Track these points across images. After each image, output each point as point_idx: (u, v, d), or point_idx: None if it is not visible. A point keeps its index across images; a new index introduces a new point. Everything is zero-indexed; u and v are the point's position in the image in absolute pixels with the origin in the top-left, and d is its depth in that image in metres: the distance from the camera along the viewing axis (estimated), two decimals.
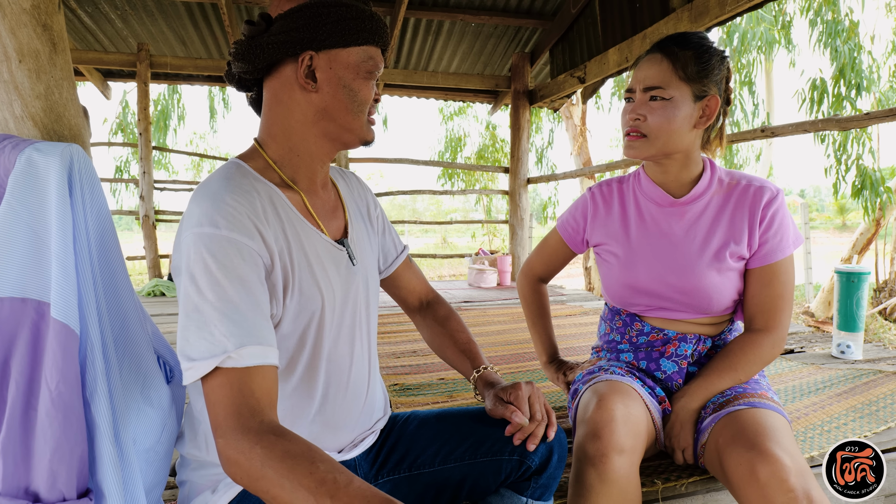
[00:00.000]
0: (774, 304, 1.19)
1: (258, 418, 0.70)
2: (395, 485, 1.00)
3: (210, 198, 0.78)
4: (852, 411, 1.56)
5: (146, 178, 4.71)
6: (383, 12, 4.24)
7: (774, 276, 1.19)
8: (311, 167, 0.91)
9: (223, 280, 0.73)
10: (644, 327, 1.30)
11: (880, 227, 6.43)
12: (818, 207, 32.48)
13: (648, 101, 1.16)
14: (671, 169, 1.24)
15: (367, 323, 1.00)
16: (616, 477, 0.97)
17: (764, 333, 1.20)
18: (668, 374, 1.26)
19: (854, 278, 2.12)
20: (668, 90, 1.14)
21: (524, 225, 5.02)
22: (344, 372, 0.94)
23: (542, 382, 2.00)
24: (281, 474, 0.65)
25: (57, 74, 0.94)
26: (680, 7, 2.99)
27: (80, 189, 0.87)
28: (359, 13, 0.86)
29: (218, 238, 0.75)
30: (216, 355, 0.70)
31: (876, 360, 2.10)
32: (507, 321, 3.15)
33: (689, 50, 1.14)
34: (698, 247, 1.22)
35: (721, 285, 1.21)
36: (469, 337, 1.13)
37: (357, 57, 0.87)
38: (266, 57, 0.85)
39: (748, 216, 1.20)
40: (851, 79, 5.28)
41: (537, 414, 0.95)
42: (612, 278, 1.33)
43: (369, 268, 1.01)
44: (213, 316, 0.72)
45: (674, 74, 1.14)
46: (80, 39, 4.58)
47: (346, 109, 0.87)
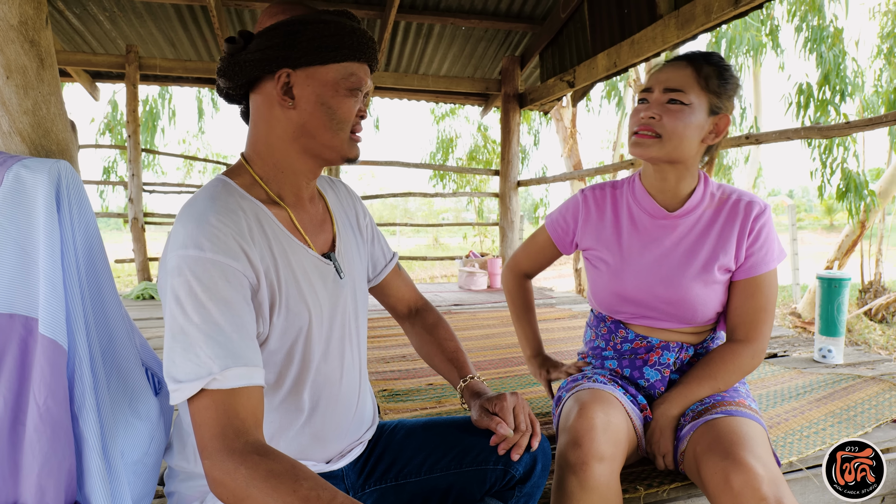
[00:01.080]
0: (756, 315, 1.22)
1: (243, 439, 0.71)
2: (381, 494, 1.02)
3: (195, 219, 0.79)
4: (831, 416, 1.60)
5: (135, 180, 4.68)
6: (373, 16, 4.24)
7: (758, 288, 1.21)
8: (296, 183, 0.92)
9: (208, 302, 0.74)
10: (628, 335, 1.32)
11: (865, 229, 6.52)
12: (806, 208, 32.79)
13: (666, 102, 1.16)
14: (670, 178, 1.24)
15: (357, 334, 1.01)
16: (596, 484, 0.99)
17: (745, 344, 1.23)
18: (650, 381, 1.28)
19: (835, 284, 2.16)
20: (688, 95, 1.14)
21: (514, 227, 5.05)
22: (334, 385, 0.95)
23: (530, 388, 2.02)
24: (265, 493, 0.66)
25: (44, 90, 0.95)
26: (667, 14, 3.03)
27: (68, 205, 0.88)
28: (337, 29, 0.85)
29: (202, 261, 0.75)
30: (201, 377, 0.71)
31: (856, 365, 2.14)
32: (496, 325, 3.17)
33: (713, 66, 1.16)
34: (687, 259, 1.24)
35: (706, 297, 1.24)
36: (457, 345, 1.15)
37: (336, 74, 0.86)
38: (244, 74, 0.86)
39: (737, 230, 1.21)
40: (836, 84, 5.35)
41: (521, 425, 0.96)
42: (600, 285, 1.34)
43: (357, 279, 1.02)
44: (198, 338, 0.73)
45: (696, 82, 1.15)
46: (68, 41, 4.55)
47: (324, 127, 0.87)
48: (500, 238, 5.08)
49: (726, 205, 1.24)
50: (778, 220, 17.84)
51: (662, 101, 1.16)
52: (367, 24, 4.50)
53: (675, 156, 1.18)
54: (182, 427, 0.92)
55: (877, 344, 6.15)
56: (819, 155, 5.49)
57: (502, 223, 5.06)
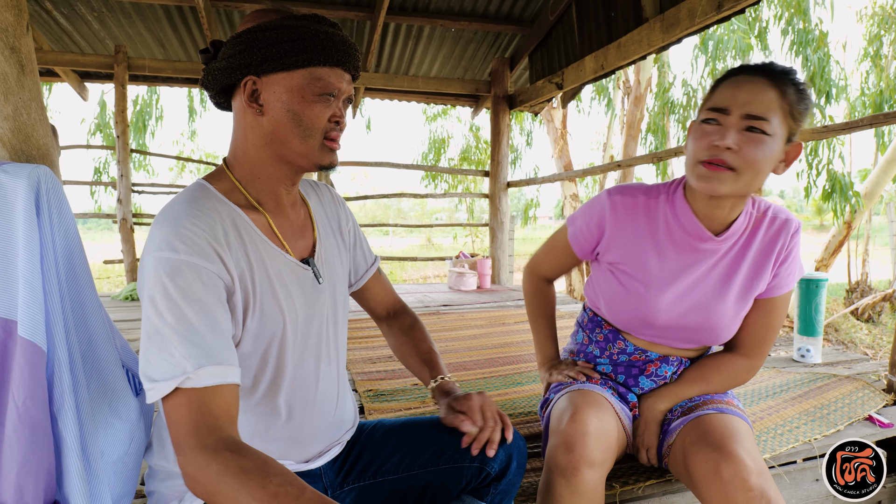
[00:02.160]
0: (766, 334, 1.21)
1: (216, 435, 0.72)
2: (360, 492, 1.04)
3: (171, 222, 0.80)
4: (805, 415, 1.63)
5: (124, 181, 4.67)
6: (363, 17, 4.26)
7: (775, 308, 1.19)
8: (274, 189, 0.92)
9: (182, 303, 0.75)
10: (627, 347, 1.28)
11: (851, 230, 6.60)
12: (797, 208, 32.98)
13: (745, 129, 1.00)
14: (724, 208, 1.11)
15: (336, 339, 1.02)
16: (585, 489, 1.01)
17: (746, 359, 1.23)
18: (644, 390, 1.28)
19: (813, 285, 2.19)
20: (771, 124, 0.99)
21: (504, 228, 5.07)
22: (310, 389, 0.96)
23: (514, 388, 2.05)
24: (235, 489, 0.68)
25: (25, 96, 0.97)
26: (652, 17, 3.06)
27: (48, 209, 0.89)
28: (301, 34, 0.83)
29: (177, 262, 0.77)
30: (175, 376, 0.73)
31: (834, 364, 2.18)
32: (484, 325, 3.20)
33: (795, 87, 1.01)
34: (724, 285, 1.17)
35: (735, 324, 1.20)
36: (430, 346, 1.17)
37: (301, 80, 0.85)
38: (216, 83, 0.87)
39: (774, 250, 1.15)
40: (821, 87, 5.42)
41: (489, 421, 0.99)
42: (624, 306, 1.23)
43: (338, 284, 1.03)
44: (172, 338, 0.74)
45: (780, 108, 1.00)
46: (56, 41, 4.54)
47: (292, 133, 0.86)
48: (491, 238, 5.11)
49: (763, 223, 1.15)
50: None
51: (741, 127, 1.00)
52: (357, 26, 4.51)
53: (745, 191, 1.05)
54: (162, 427, 0.93)
55: (863, 343, 6.22)
56: (805, 156, 5.56)
57: (492, 224, 5.09)
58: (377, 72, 5.13)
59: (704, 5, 2.65)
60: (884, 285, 7.91)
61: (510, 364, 2.36)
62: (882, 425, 1.58)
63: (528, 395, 1.95)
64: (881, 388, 1.85)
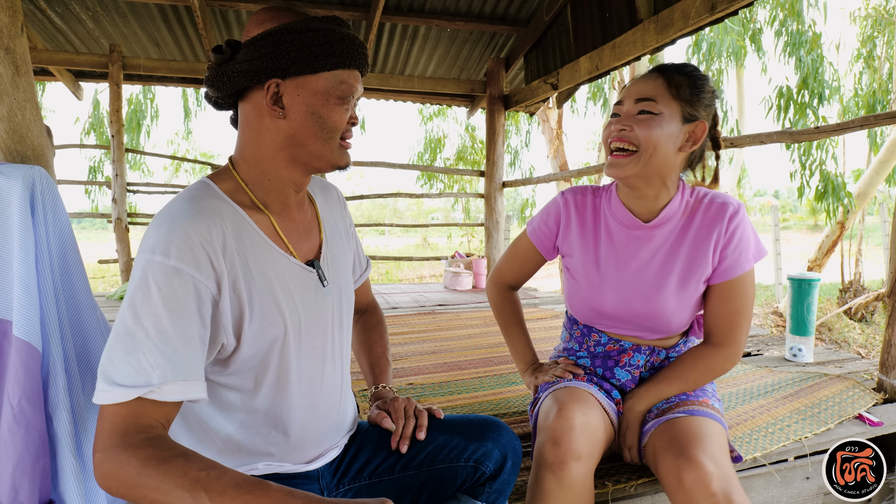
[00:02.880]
0: (732, 319, 1.21)
1: (142, 435, 0.72)
2: (356, 492, 1.03)
3: (168, 223, 0.79)
4: (796, 413, 1.65)
5: (119, 180, 4.66)
6: (358, 17, 4.26)
7: (733, 292, 1.21)
8: (282, 191, 0.91)
9: (161, 310, 0.74)
10: (601, 338, 1.35)
11: (844, 230, 6.64)
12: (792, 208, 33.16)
13: (637, 114, 1.15)
14: (647, 197, 1.23)
15: (341, 341, 1.01)
16: (573, 482, 1.02)
17: (718, 348, 1.23)
18: (621, 381, 1.32)
19: (805, 285, 2.21)
20: (659, 105, 1.13)
21: (500, 228, 5.08)
22: (314, 393, 0.95)
23: (508, 387, 2.06)
24: (157, 479, 0.68)
25: (20, 97, 0.97)
26: (647, 18, 3.08)
27: (43, 210, 0.90)
28: (327, 37, 0.84)
29: (166, 268, 0.75)
30: (139, 385, 0.72)
31: (825, 363, 2.20)
32: (479, 325, 3.21)
33: (684, 76, 1.16)
34: (664, 273, 1.24)
35: (682, 310, 1.25)
36: (382, 352, 1.22)
37: (326, 83, 0.85)
38: (233, 84, 0.85)
39: (713, 235, 1.20)
40: (814, 88, 5.45)
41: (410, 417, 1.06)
42: (577, 297, 1.34)
43: (343, 285, 1.02)
44: (144, 344, 0.73)
45: (666, 91, 1.14)
46: (50, 40, 4.52)
47: (314, 136, 0.86)
48: (486, 238, 5.12)
49: (699, 210, 1.22)
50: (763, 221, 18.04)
51: (633, 112, 1.15)
52: (353, 26, 4.51)
53: (650, 170, 1.16)
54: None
55: (856, 342, 6.27)
56: (799, 157, 5.60)
57: (488, 224, 5.10)
58: (373, 72, 5.13)
59: (698, 7, 2.67)
60: (877, 285, 7.96)
61: (505, 363, 2.37)
62: (872, 424, 1.59)
63: (522, 394, 1.96)
64: (871, 388, 1.87)
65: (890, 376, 1.83)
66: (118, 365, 0.72)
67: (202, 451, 0.89)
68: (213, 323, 0.80)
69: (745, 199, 10.19)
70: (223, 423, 0.89)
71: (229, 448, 0.90)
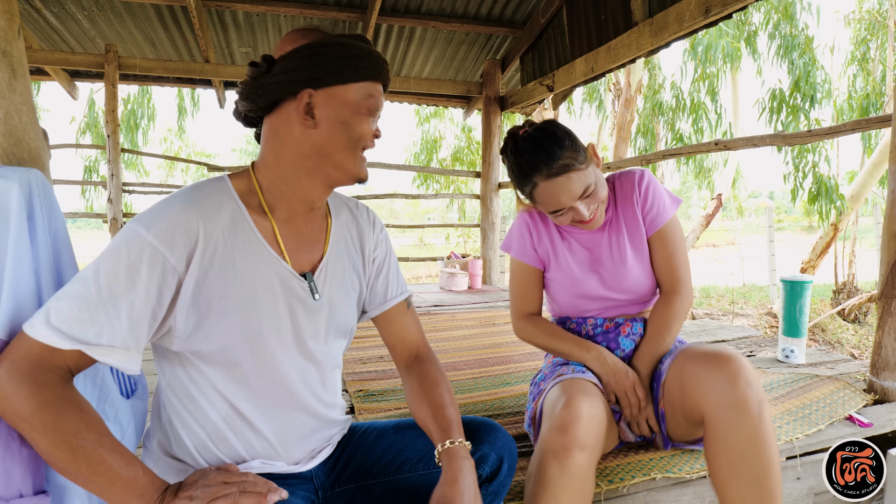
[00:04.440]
0: (670, 262, 1.38)
1: (49, 375, 0.76)
2: (351, 494, 1.04)
3: (165, 203, 0.85)
4: (787, 415, 1.66)
5: (114, 180, 4.65)
6: (355, 18, 4.27)
7: (664, 238, 1.38)
8: (296, 198, 0.93)
9: (122, 275, 0.78)
10: (597, 321, 1.45)
11: (838, 232, 6.68)
12: (786, 210, 33.27)
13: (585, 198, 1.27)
14: None
15: (329, 352, 1.01)
16: (576, 471, 1.04)
17: (669, 294, 1.38)
18: (626, 351, 1.40)
19: (798, 287, 2.23)
20: (590, 180, 1.26)
21: (495, 229, 5.10)
22: (293, 396, 0.96)
23: (503, 388, 2.07)
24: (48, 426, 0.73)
25: (16, 100, 0.97)
26: (642, 21, 3.10)
27: (40, 213, 0.90)
28: (357, 51, 0.89)
29: (142, 241, 0.80)
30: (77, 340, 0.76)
31: (817, 364, 2.22)
32: (474, 325, 3.22)
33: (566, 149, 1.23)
34: (620, 247, 1.39)
35: (646, 273, 1.40)
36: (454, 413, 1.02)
37: (356, 94, 0.89)
38: (269, 97, 0.88)
39: (633, 199, 1.39)
40: (806, 91, 5.49)
41: None
42: (561, 293, 1.46)
43: (339, 304, 1.01)
44: (93, 299, 0.77)
45: (582, 173, 1.24)
46: (45, 39, 4.51)
47: (342, 146, 0.90)
48: (482, 239, 5.13)
49: (616, 188, 1.42)
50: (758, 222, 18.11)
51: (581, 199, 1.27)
52: (349, 27, 4.53)
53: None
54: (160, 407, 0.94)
55: (849, 343, 6.31)
56: (792, 159, 5.63)
57: (483, 224, 5.11)
58: None
59: (692, 10, 2.69)
60: (870, 286, 8.01)
61: (500, 364, 2.38)
62: (862, 425, 1.61)
63: (517, 394, 1.97)
64: (862, 389, 1.88)
65: (880, 378, 1.85)
66: (63, 308, 0.77)
67: (193, 433, 0.91)
68: (171, 303, 0.84)
69: (740, 201, 10.23)
70: (209, 410, 0.91)
71: (218, 436, 0.92)
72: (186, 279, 0.83)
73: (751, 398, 1.07)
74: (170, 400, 0.92)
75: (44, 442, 0.73)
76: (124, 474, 0.75)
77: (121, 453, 0.76)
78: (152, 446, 0.96)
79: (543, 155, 1.23)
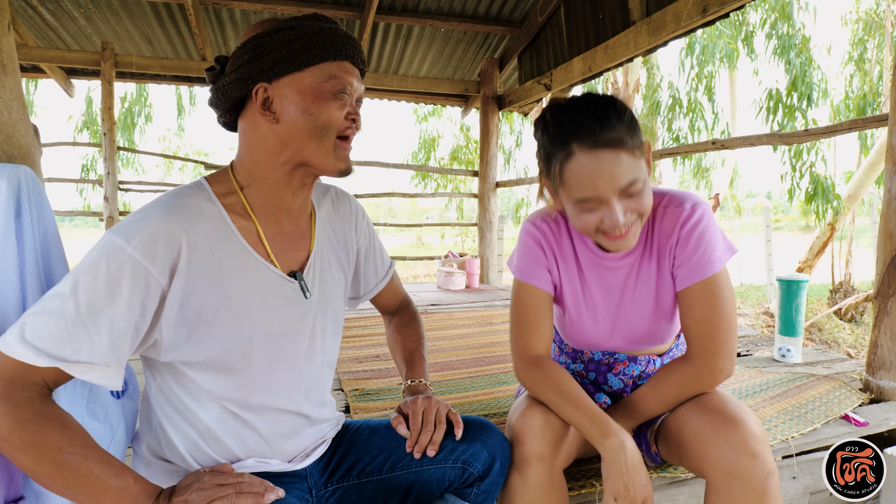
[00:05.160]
0: (701, 329, 1.06)
1: (26, 392, 0.73)
2: (344, 492, 1.04)
3: (145, 212, 0.81)
4: (783, 414, 1.66)
5: (110, 178, 4.64)
6: (352, 17, 4.26)
7: (698, 298, 1.06)
8: (276, 196, 0.90)
9: (102, 290, 0.75)
10: (594, 355, 1.28)
11: (835, 231, 6.69)
12: (784, 209, 33.32)
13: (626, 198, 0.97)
14: None
15: (322, 349, 1.01)
16: (538, 481, 1.02)
17: (691, 361, 1.09)
18: (614, 388, 1.28)
19: (794, 286, 2.23)
20: (640, 174, 0.96)
21: (493, 228, 5.09)
22: (284, 397, 0.95)
23: (499, 387, 2.06)
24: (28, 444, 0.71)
25: (6, 95, 0.96)
26: (639, 20, 3.09)
27: (29, 210, 0.89)
28: (306, 32, 0.83)
29: (123, 254, 0.76)
30: (54, 357, 0.73)
31: (813, 364, 2.22)
32: (471, 324, 3.21)
33: (623, 122, 0.96)
34: (641, 297, 1.15)
35: (668, 323, 1.18)
36: (416, 347, 1.19)
37: (313, 78, 0.84)
38: (227, 99, 0.85)
39: (669, 241, 1.10)
40: (803, 91, 5.50)
41: (429, 425, 1.01)
42: (567, 329, 1.26)
43: (330, 298, 1.01)
44: (71, 316, 0.74)
45: (633, 158, 0.96)
46: (41, 37, 4.49)
47: (308, 136, 0.84)
48: (479, 238, 5.13)
49: (656, 219, 1.11)
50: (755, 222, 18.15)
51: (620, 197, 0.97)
52: (347, 25, 4.51)
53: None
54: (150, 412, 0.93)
55: (846, 343, 6.32)
56: (789, 159, 5.64)
57: (481, 223, 5.11)
58: (367, 70, 5.13)
59: (690, 9, 2.69)
60: (867, 286, 8.02)
61: (496, 363, 2.38)
62: (857, 424, 1.61)
63: (513, 394, 1.96)
64: (858, 388, 1.88)
65: (876, 377, 1.85)
66: (39, 324, 0.73)
67: (184, 435, 0.90)
68: (155, 316, 0.80)
69: (738, 201, 10.25)
70: (201, 413, 0.90)
71: (210, 437, 0.91)
72: (171, 292, 0.80)
73: (755, 473, 0.94)
74: (159, 404, 0.91)
75: (26, 460, 0.71)
76: (114, 484, 0.74)
77: (108, 463, 0.74)
78: (142, 450, 0.95)
79: (593, 117, 0.94)
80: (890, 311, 1.81)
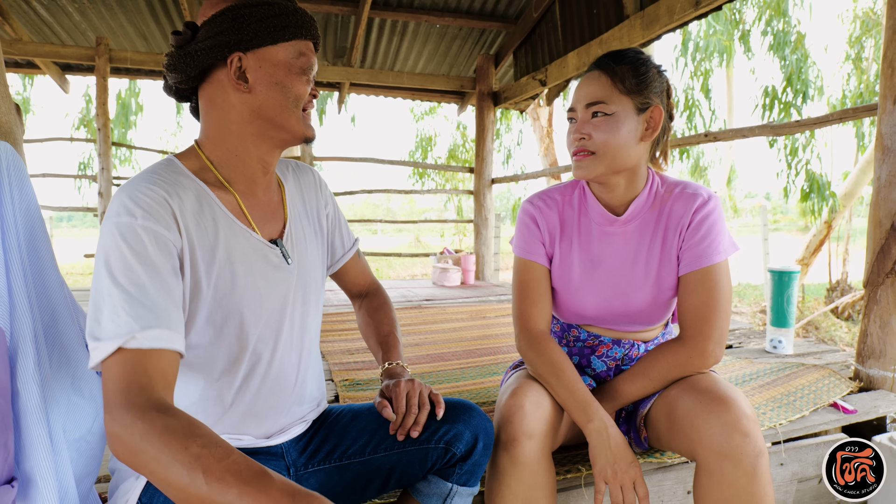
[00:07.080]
0: (700, 313, 1.12)
1: (145, 395, 0.71)
2: (326, 474, 1.04)
3: (130, 189, 0.81)
4: (772, 401, 1.66)
5: (105, 174, 4.63)
6: (347, 12, 4.26)
7: (700, 283, 1.13)
8: (250, 168, 0.93)
9: (136, 266, 0.76)
10: (580, 334, 1.31)
11: (831, 230, 6.70)
12: (782, 210, 33.35)
13: (591, 118, 1.12)
14: (618, 188, 1.18)
15: (303, 320, 1.02)
16: (526, 460, 1.03)
17: (685, 343, 1.14)
18: (597, 371, 1.29)
19: (785, 277, 2.23)
20: (610, 105, 1.10)
21: (489, 224, 5.10)
22: (267, 364, 0.96)
23: (490, 378, 2.06)
24: (157, 448, 0.66)
25: None
26: (633, 14, 3.10)
27: (9, 186, 0.89)
28: (282, 9, 0.88)
29: (134, 227, 0.78)
30: (120, 336, 0.72)
31: (804, 355, 2.22)
32: (464, 318, 3.22)
33: (626, 64, 1.11)
34: (639, 270, 1.20)
35: (661, 304, 1.22)
36: (390, 330, 1.19)
37: (286, 53, 0.88)
38: (196, 64, 0.86)
39: (678, 224, 1.16)
40: (798, 87, 5.51)
41: (413, 407, 1.00)
42: (558, 301, 1.29)
43: (309, 267, 1.03)
44: (122, 299, 0.74)
45: (613, 88, 1.10)
46: (36, 32, 4.49)
47: (280, 106, 0.88)
48: (475, 235, 5.13)
49: (668, 201, 1.18)
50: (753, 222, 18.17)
51: (587, 117, 1.12)
52: (342, 21, 4.51)
53: (615, 167, 1.13)
54: None
55: (843, 341, 6.32)
56: (785, 156, 5.65)
57: (477, 220, 5.11)
58: (362, 67, 5.12)
59: (683, 2, 2.69)
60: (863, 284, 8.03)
61: (488, 355, 2.38)
62: (846, 411, 1.61)
63: (498, 383, 1.96)
64: (848, 377, 1.89)
65: (866, 366, 1.85)
66: (104, 324, 0.73)
67: None
68: (183, 275, 0.83)
69: (736, 201, 10.25)
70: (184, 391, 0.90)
71: (191, 411, 0.91)
72: (182, 253, 0.83)
73: (746, 451, 0.97)
74: None
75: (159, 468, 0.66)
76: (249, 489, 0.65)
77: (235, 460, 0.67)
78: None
79: (616, 53, 1.13)
80: (879, 300, 1.81)
